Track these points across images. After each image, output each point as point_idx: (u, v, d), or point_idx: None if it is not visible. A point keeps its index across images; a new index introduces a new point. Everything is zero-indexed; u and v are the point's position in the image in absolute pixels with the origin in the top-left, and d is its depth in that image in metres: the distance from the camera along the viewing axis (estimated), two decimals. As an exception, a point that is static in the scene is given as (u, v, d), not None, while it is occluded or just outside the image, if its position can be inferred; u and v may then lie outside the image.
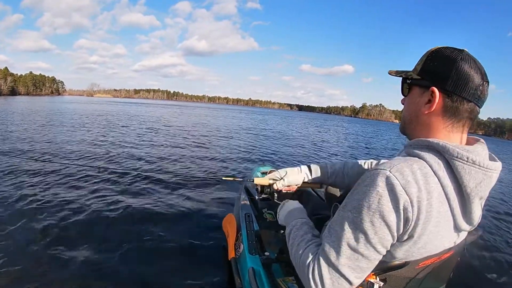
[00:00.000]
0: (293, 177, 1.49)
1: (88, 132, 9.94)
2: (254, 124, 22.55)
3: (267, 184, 1.57)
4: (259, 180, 1.62)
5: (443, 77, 0.79)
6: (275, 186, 1.52)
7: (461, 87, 0.77)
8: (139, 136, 9.76)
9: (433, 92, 0.80)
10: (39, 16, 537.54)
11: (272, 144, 10.73)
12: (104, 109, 26.74)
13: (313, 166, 1.51)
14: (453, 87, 0.78)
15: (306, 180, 1.50)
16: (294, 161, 7.65)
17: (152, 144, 8.24)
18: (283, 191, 1.55)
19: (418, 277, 0.90)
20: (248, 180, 1.80)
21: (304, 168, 1.51)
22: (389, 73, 0.96)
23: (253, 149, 8.98)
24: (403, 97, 0.94)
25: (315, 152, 9.89)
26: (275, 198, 2.25)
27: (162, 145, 8.27)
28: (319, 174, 1.49)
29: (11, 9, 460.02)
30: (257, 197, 2.38)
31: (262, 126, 20.34)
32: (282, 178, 1.50)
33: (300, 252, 0.94)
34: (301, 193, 1.88)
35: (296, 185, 1.50)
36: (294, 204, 1.26)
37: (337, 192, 1.59)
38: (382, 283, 0.87)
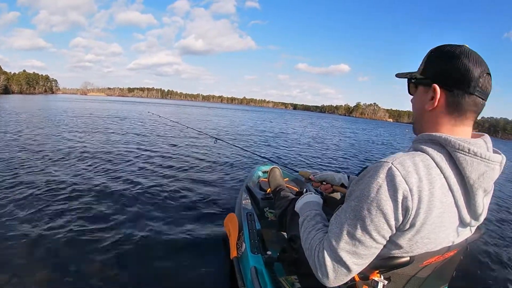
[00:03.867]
0: (333, 176, 1.57)
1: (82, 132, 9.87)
2: (253, 121, 22.53)
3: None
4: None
5: (442, 74, 0.83)
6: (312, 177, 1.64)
7: (460, 81, 0.80)
8: (138, 134, 9.71)
9: (434, 89, 0.83)
10: (35, 14, 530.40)
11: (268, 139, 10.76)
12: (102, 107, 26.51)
13: (352, 176, 1.57)
14: (453, 81, 0.81)
15: (344, 183, 1.54)
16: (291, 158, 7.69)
17: (150, 142, 8.18)
18: (320, 189, 1.59)
19: (422, 275, 0.91)
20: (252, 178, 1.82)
21: (344, 175, 1.58)
22: (397, 76, 0.99)
23: (253, 146, 9.02)
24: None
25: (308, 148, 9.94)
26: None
27: (160, 143, 8.22)
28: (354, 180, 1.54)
29: (7, 6, 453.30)
30: (259, 196, 2.40)
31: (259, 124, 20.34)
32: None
33: (310, 238, 0.99)
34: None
35: (333, 184, 1.55)
36: (313, 197, 1.31)
37: (337, 196, 1.62)
38: (386, 282, 0.89)
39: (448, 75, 0.81)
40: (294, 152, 9.22)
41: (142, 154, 6.55)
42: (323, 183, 1.58)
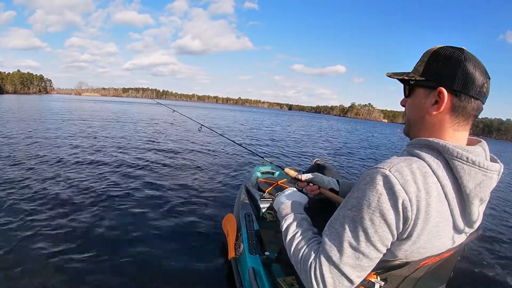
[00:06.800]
0: (322, 178, 1.44)
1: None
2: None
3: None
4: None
5: (449, 77, 0.79)
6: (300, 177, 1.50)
7: (469, 86, 0.77)
8: (134, 135, 9.65)
9: (440, 92, 0.80)
10: (31, 13, 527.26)
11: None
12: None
13: (341, 180, 1.47)
14: (461, 86, 0.78)
15: (333, 187, 1.43)
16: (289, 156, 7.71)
17: (148, 142, 8.12)
18: (306, 190, 1.44)
19: (419, 276, 0.91)
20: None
21: (333, 179, 1.47)
22: (388, 76, 0.94)
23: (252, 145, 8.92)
24: (398, 98, 0.95)
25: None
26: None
27: (158, 143, 8.16)
28: (345, 186, 1.44)
29: (4, 6, 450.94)
30: (257, 197, 2.41)
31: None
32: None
33: (301, 250, 0.91)
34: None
35: (320, 187, 1.42)
36: (296, 194, 1.23)
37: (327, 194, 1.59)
38: (383, 283, 0.88)
39: (455, 80, 0.78)
40: (292, 152, 9.22)
41: (138, 156, 6.52)
42: (310, 184, 1.44)
